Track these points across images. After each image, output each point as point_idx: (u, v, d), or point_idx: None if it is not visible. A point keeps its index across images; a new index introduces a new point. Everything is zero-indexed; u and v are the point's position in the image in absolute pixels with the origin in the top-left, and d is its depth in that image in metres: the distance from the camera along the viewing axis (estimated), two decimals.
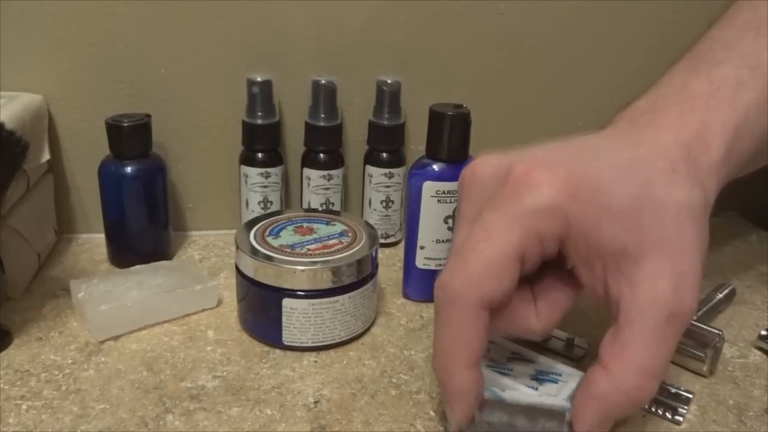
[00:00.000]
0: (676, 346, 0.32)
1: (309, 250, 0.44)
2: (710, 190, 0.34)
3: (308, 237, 0.45)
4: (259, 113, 0.55)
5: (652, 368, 0.32)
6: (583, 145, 0.35)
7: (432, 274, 0.49)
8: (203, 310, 0.48)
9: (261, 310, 0.44)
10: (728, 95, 0.36)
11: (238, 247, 0.44)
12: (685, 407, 0.39)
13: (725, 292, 0.50)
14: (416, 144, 0.60)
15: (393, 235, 0.59)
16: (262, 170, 0.56)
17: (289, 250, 0.43)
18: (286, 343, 0.43)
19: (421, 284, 0.50)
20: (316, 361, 0.43)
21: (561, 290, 0.35)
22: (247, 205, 0.57)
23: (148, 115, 0.52)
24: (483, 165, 0.35)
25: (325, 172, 0.57)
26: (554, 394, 0.38)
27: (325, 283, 0.42)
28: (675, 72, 0.39)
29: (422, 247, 0.48)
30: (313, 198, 0.58)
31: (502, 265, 0.32)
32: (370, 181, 0.58)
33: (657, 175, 0.33)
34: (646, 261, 0.31)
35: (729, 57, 0.38)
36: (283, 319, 0.43)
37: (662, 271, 0.31)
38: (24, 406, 0.38)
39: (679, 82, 0.38)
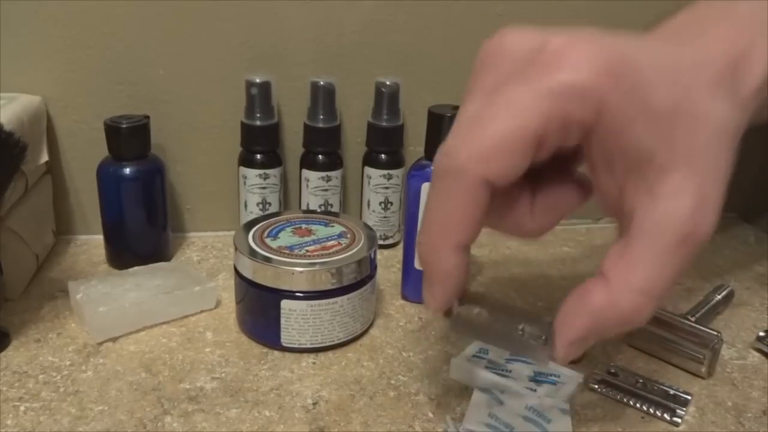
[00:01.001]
0: (683, 270, 0.30)
1: (308, 251, 0.44)
2: (746, 115, 0.32)
3: (307, 238, 0.45)
4: (258, 114, 0.55)
5: (655, 289, 0.30)
6: (631, 37, 0.31)
7: None
8: (202, 312, 0.48)
9: (259, 311, 0.44)
10: None
11: (236, 249, 0.44)
12: (684, 408, 0.39)
13: (724, 293, 0.50)
14: (415, 145, 0.60)
15: (392, 237, 0.59)
16: (261, 171, 0.56)
17: (287, 252, 0.43)
18: (284, 345, 0.43)
19: (420, 285, 0.49)
20: (314, 363, 0.43)
21: (563, 193, 0.33)
22: (245, 206, 0.57)
23: (147, 117, 0.52)
24: (514, 35, 0.30)
25: (323, 174, 0.57)
26: (553, 396, 0.38)
27: (324, 284, 0.42)
28: None
29: None
30: (311, 199, 0.58)
31: (518, 144, 0.28)
32: (369, 183, 0.58)
33: (701, 84, 0.30)
34: (673, 173, 0.29)
35: None
36: (282, 320, 0.43)
37: (688, 188, 0.29)
38: (22, 408, 0.38)
39: (720, 4, 0.34)
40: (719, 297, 0.50)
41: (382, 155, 0.57)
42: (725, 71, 0.31)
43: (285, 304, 0.42)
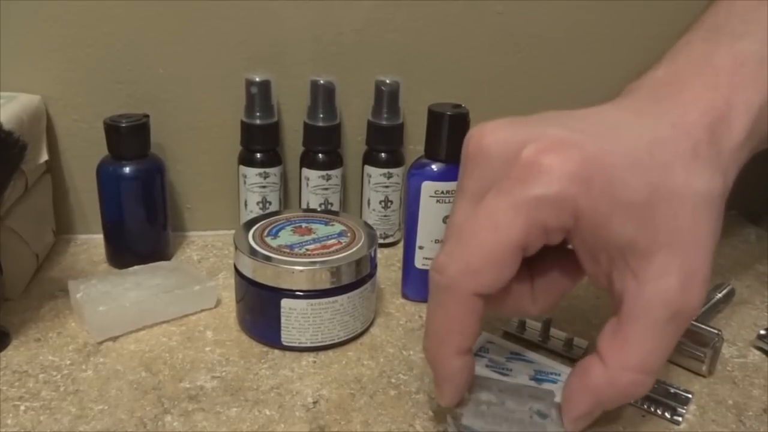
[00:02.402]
0: (675, 344, 0.32)
1: (308, 250, 0.44)
2: (730, 175, 0.33)
3: (307, 237, 0.45)
4: (258, 113, 0.55)
5: (650, 365, 0.31)
6: (602, 120, 0.33)
7: None
8: (202, 311, 0.48)
9: (260, 310, 0.44)
10: (752, 72, 0.34)
11: (236, 248, 0.44)
12: (684, 407, 0.39)
13: (724, 291, 0.50)
14: (415, 144, 0.60)
15: (392, 235, 0.59)
16: (261, 170, 0.56)
17: (287, 251, 0.43)
18: (284, 344, 0.43)
19: (420, 284, 0.50)
20: (315, 362, 0.43)
21: (561, 274, 0.34)
22: (245, 205, 0.57)
23: (147, 116, 0.52)
24: (491, 137, 0.32)
25: (323, 173, 0.57)
26: (553, 393, 0.38)
27: (324, 283, 0.42)
28: (693, 43, 0.36)
29: (421, 247, 0.48)
30: (311, 198, 0.58)
31: (504, 256, 0.30)
32: (369, 181, 0.58)
33: (678, 159, 0.31)
34: (656, 256, 0.30)
35: (749, 30, 0.35)
36: (282, 319, 0.43)
37: (671, 268, 0.30)
38: (22, 407, 0.38)
39: (699, 54, 0.35)
40: (720, 295, 0.50)
41: (382, 154, 0.57)
42: (702, 138, 0.32)
43: (285, 303, 0.42)
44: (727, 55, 0.35)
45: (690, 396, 0.40)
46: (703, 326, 0.43)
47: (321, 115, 0.56)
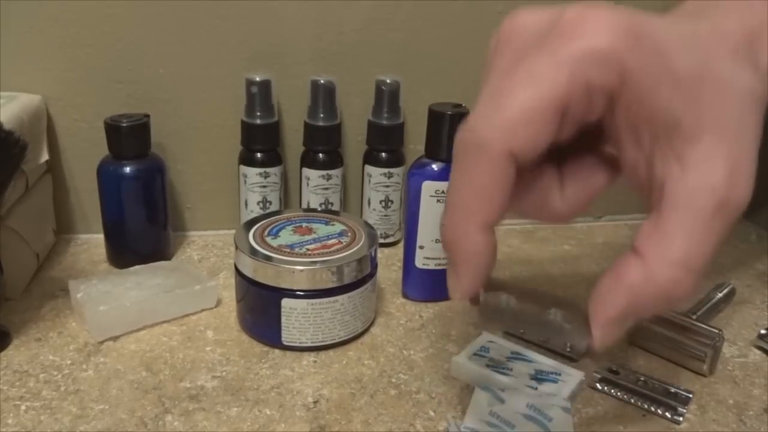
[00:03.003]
0: (721, 241, 0.29)
1: (308, 250, 0.44)
2: (765, 87, 0.30)
3: (307, 237, 0.45)
4: (258, 113, 0.55)
5: (693, 262, 0.28)
6: (644, 13, 0.29)
7: (431, 274, 0.49)
8: (202, 311, 0.48)
9: (260, 310, 0.44)
10: None
11: (237, 247, 0.44)
12: (685, 407, 0.39)
13: (725, 291, 0.50)
14: (415, 144, 0.60)
15: (392, 235, 0.59)
16: (261, 170, 0.56)
17: (288, 250, 0.43)
18: (285, 343, 0.43)
19: (420, 284, 0.50)
20: (315, 361, 0.43)
21: (592, 171, 0.32)
22: (246, 205, 0.57)
23: (147, 116, 0.52)
24: (527, 14, 0.30)
25: (324, 172, 0.57)
26: (554, 394, 0.38)
27: (325, 283, 0.42)
28: None
29: (421, 247, 0.48)
30: (312, 198, 0.58)
31: (543, 113, 0.27)
32: (369, 181, 0.58)
33: (721, 53, 0.29)
34: (703, 140, 0.28)
35: None
36: (283, 319, 0.43)
37: (718, 155, 0.28)
38: (23, 407, 0.38)
39: None
40: (720, 295, 0.50)
41: (383, 153, 0.57)
42: (743, 42, 0.30)
43: (286, 302, 0.42)
44: None
45: (690, 395, 0.40)
46: (703, 325, 0.43)
47: (321, 115, 0.56)
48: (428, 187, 0.47)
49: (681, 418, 0.39)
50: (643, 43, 0.27)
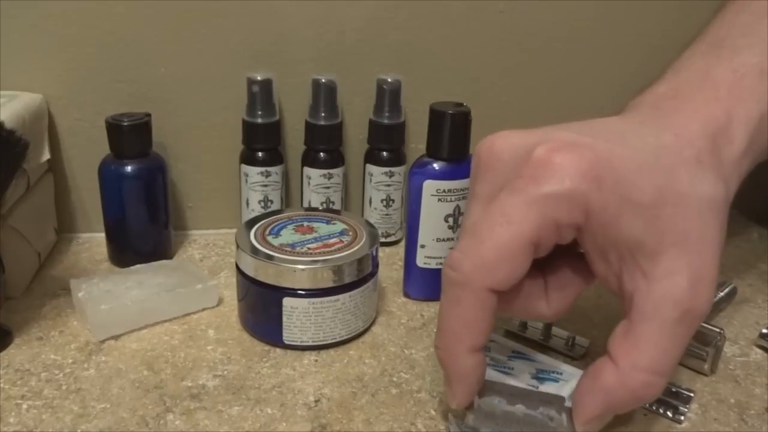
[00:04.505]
0: (686, 345, 0.32)
1: (309, 249, 0.44)
2: (732, 185, 0.33)
3: (308, 236, 0.45)
4: (260, 112, 0.55)
5: (661, 366, 0.31)
6: (608, 127, 0.33)
7: (432, 273, 0.49)
8: (203, 310, 0.48)
9: (261, 309, 0.44)
10: (752, 84, 0.35)
11: (238, 247, 0.44)
12: (687, 406, 0.39)
13: (726, 290, 0.50)
14: (416, 143, 0.60)
15: (393, 234, 0.59)
16: (263, 169, 0.56)
17: (289, 249, 0.43)
18: (286, 342, 0.43)
19: (421, 283, 0.50)
20: (316, 360, 0.43)
21: (573, 274, 0.35)
22: (247, 204, 0.57)
23: (148, 114, 0.52)
24: (503, 142, 0.33)
25: (325, 171, 0.57)
26: (554, 394, 0.38)
27: (326, 282, 0.42)
28: (695, 57, 0.37)
29: (423, 246, 0.48)
30: (313, 197, 0.58)
31: (517, 251, 0.31)
32: (371, 180, 0.58)
33: (682, 165, 0.32)
34: (665, 256, 0.31)
35: (750, 43, 0.36)
36: (284, 318, 0.43)
37: (680, 268, 0.31)
38: (24, 406, 0.38)
39: (700, 67, 0.36)
40: (722, 294, 0.50)
41: (384, 152, 0.57)
42: (704, 147, 0.33)
43: (287, 301, 0.42)
44: (727, 69, 0.35)
45: (692, 395, 0.40)
46: (705, 325, 0.43)
47: (323, 114, 0.56)
48: (429, 186, 0.47)
49: (682, 418, 0.39)
50: (603, 183, 0.30)
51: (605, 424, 0.34)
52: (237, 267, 0.45)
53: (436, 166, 0.47)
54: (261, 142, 0.56)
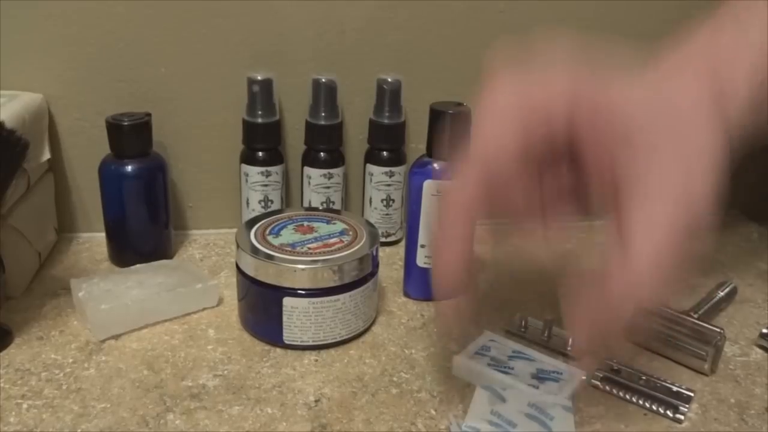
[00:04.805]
0: (686, 239, 0.30)
1: (309, 248, 0.44)
2: (729, 135, 0.33)
3: (309, 236, 0.45)
4: (260, 112, 0.55)
5: (658, 257, 0.30)
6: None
7: None
8: (204, 309, 0.48)
9: (262, 308, 0.44)
10: (756, 51, 0.35)
11: (238, 246, 0.44)
12: (687, 405, 0.39)
13: (726, 290, 0.50)
14: (417, 142, 0.60)
15: (393, 234, 0.59)
16: (263, 169, 0.56)
17: (289, 249, 0.43)
18: (286, 342, 0.43)
19: (421, 283, 0.50)
20: (316, 360, 0.43)
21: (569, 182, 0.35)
22: (247, 203, 0.57)
23: (149, 114, 0.52)
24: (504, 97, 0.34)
25: (325, 171, 0.57)
26: (555, 393, 0.38)
27: (326, 281, 0.42)
28: (700, 29, 0.37)
29: (423, 246, 0.48)
30: (313, 197, 0.58)
31: (505, 118, 0.33)
32: (371, 180, 0.58)
33: (684, 93, 0.32)
34: (658, 149, 0.30)
35: (753, 17, 0.36)
36: (284, 317, 0.43)
37: (673, 159, 0.30)
38: (25, 405, 0.38)
39: (705, 37, 0.36)
40: (722, 294, 0.50)
41: (384, 152, 0.57)
42: (707, 91, 0.33)
43: (287, 301, 0.42)
44: (731, 38, 0.35)
45: (692, 394, 0.40)
46: (705, 324, 0.43)
47: (323, 114, 0.56)
48: (429, 186, 0.47)
49: (682, 417, 0.39)
50: (593, 77, 0.32)
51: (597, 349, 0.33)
52: (237, 267, 0.45)
53: (436, 165, 0.47)
54: (261, 142, 0.56)
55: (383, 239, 0.59)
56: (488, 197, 0.33)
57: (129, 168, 0.51)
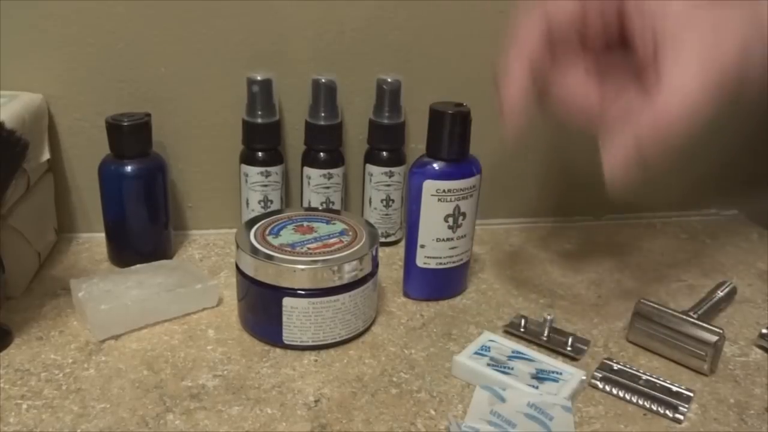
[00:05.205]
0: (715, 86, 0.34)
1: (309, 249, 0.44)
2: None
3: (308, 236, 0.45)
4: (259, 112, 0.55)
5: (689, 90, 0.34)
6: None
7: (432, 273, 0.49)
8: (203, 309, 0.48)
9: (261, 309, 0.44)
10: None
11: (238, 246, 0.44)
12: (686, 406, 0.39)
13: (726, 290, 0.50)
14: (416, 143, 0.60)
15: (393, 234, 0.59)
16: (263, 169, 0.56)
17: (289, 249, 0.43)
18: (286, 342, 0.43)
19: (421, 283, 0.50)
20: (316, 360, 0.43)
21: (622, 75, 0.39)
22: (247, 204, 0.57)
23: (148, 114, 0.52)
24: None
25: (325, 171, 0.57)
26: (555, 393, 0.38)
27: (326, 282, 0.42)
28: None
29: (422, 246, 0.48)
30: (313, 197, 0.58)
31: None
32: (371, 180, 0.58)
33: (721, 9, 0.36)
34: (692, 20, 0.35)
35: None
36: (284, 318, 0.43)
37: (705, 22, 0.35)
38: (24, 406, 0.38)
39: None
40: (722, 294, 0.50)
41: (384, 152, 0.57)
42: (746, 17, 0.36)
43: (287, 301, 0.42)
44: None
45: (692, 394, 0.40)
46: (705, 325, 0.43)
47: (322, 114, 0.56)
48: (429, 186, 0.47)
49: (682, 417, 0.39)
50: None
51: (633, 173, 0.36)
52: (237, 267, 0.45)
53: (436, 166, 0.47)
54: (261, 142, 0.56)
55: (383, 239, 0.59)
56: (548, 44, 0.39)
57: (129, 168, 0.51)
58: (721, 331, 0.43)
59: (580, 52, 0.40)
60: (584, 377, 0.41)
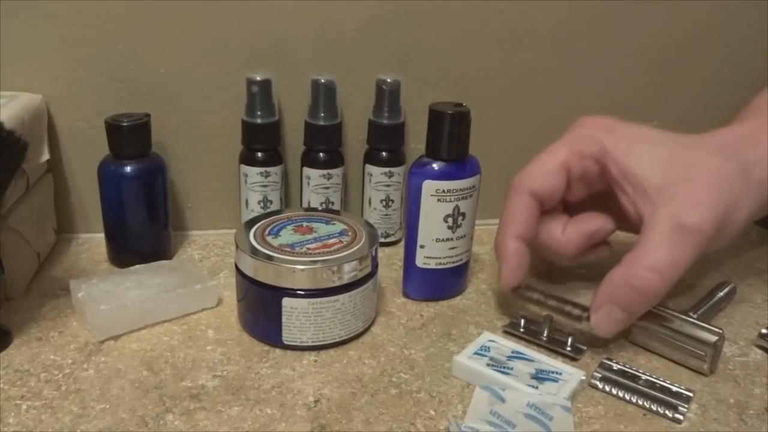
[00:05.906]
0: (686, 258, 0.40)
1: (309, 249, 0.44)
2: (755, 175, 0.43)
3: (308, 236, 0.45)
4: (259, 112, 0.55)
5: (659, 266, 0.40)
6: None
7: (432, 273, 0.49)
8: (203, 310, 0.48)
9: (261, 309, 0.44)
10: None
11: (237, 247, 0.44)
12: (686, 406, 0.39)
13: (726, 290, 0.50)
14: (416, 143, 0.60)
15: (393, 234, 0.59)
16: (262, 169, 0.56)
17: (288, 250, 0.43)
18: (286, 343, 0.43)
19: (421, 283, 0.50)
20: (316, 361, 0.43)
21: (591, 218, 0.47)
22: (246, 204, 0.57)
23: (148, 115, 0.52)
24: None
25: (324, 171, 0.57)
26: (554, 393, 0.38)
27: (325, 282, 0.42)
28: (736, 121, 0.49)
29: (422, 246, 0.48)
30: (312, 197, 0.58)
31: (552, 168, 0.45)
32: (370, 180, 0.58)
33: (703, 147, 0.43)
34: (669, 188, 0.41)
35: None
36: (283, 318, 0.43)
37: (681, 195, 0.41)
38: (24, 406, 0.38)
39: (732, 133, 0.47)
40: (721, 294, 0.50)
41: (384, 153, 0.57)
42: (733, 151, 0.43)
43: (286, 302, 0.42)
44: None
45: (691, 394, 0.40)
46: (704, 325, 0.43)
47: (322, 114, 0.56)
48: (429, 187, 0.47)
49: (682, 417, 0.39)
50: (616, 131, 0.45)
51: (616, 329, 0.42)
52: (236, 267, 0.45)
53: (435, 166, 0.47)
54: (260, 143, 0.56)
55: (382, 240, 0.59)
56: (536, 217, 0.46)
57: (128, 169, 0.51)
58: (720, 331, 0.43)
59: (561, 211, 0.48)
60: (584, 377, 0.41)
